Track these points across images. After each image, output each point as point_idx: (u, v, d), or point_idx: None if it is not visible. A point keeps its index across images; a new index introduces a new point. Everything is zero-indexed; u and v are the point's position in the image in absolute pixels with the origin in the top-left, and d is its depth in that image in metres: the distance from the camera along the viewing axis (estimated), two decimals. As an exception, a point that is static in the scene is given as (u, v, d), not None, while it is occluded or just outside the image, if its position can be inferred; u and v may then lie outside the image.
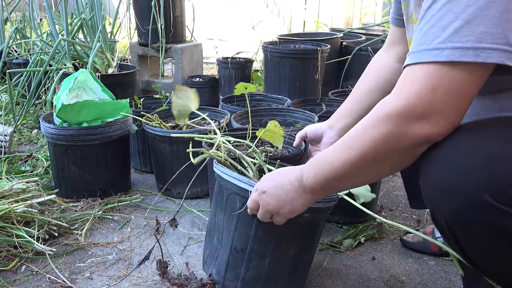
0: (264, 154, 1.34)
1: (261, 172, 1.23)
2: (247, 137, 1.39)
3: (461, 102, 0.75)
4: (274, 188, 0.96)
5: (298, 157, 1.44)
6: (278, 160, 1.23)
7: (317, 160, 0.91)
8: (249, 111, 1.61)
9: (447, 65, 0.73)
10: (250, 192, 1.05)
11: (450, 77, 0.73)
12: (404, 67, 0.79)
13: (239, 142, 1.33)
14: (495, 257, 0.79)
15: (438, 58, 0.73)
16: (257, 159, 1.24)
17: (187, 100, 1.30)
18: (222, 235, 1.18)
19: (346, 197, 1.18)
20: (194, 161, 1.19)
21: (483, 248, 0.79)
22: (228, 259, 1.16)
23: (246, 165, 1.22)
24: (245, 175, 1.19)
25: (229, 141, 1.26)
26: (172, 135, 1.52)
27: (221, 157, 1.21)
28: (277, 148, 1.42)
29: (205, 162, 1.24)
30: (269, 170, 1.21)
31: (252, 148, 1.28)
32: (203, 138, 1.28)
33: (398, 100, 0.76)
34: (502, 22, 0.71)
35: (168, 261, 1.35)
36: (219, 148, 1.22)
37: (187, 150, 1.23)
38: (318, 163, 0.90)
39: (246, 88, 1.42)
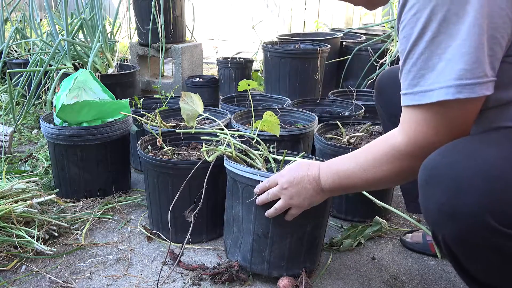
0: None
1: (266, 161, 1.35)
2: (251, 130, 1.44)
3: (458, 132, 0.83)
4: (295, 186, 1.10)
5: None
6: (285, 150, 1.31)
7: (334, 169, 1.06)
8: (251, 101, 1.62)
9: (439, 105, 0.81)
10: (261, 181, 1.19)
11: (444, 115, 0.82)
12: (403, 106, 0.88)
13: (243, 135, 1.42)
14: (496, 274, 0.79)
15: (430, 100, 0.81)
16: (261, 151, 1.33)
17: (193, 104, 1.43)
18: (242, 224, 1.28)
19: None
20: (209, 158, 1.30)
21: (483, 267, 0.78)
22: (252, 245, 1.27)
23: (254, 157, 1.32)
24: (253, 166, 1.30)
25: (232, 135, 1.37)
26: (177, 130, 1.54)
27: (231, 153, 1.31)
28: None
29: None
30: (274, 159, 1.32)
31: (255, 140, 1.37)
32: (213, 131, 1.39)
33: (407, 145, 0.88)
34: (479, 56, 0.76)
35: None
36: (228, 145, 1.33)
37: (202, 149, 1.36)
38: (336, 172, 1.05)
39: (248, 85, 1.45)
